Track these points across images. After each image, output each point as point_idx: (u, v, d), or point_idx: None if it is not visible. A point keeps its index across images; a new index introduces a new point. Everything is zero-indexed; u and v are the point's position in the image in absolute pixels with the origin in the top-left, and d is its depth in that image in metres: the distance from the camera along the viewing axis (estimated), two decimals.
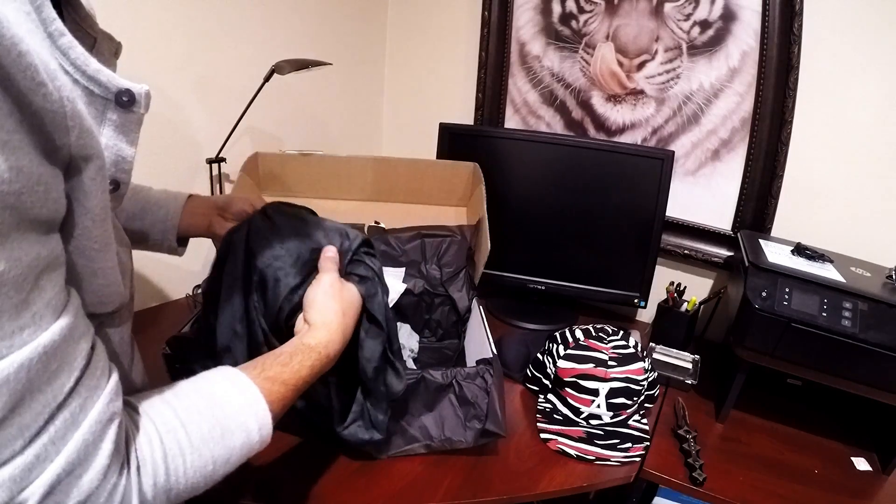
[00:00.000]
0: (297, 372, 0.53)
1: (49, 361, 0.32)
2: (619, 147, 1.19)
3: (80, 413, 0.35)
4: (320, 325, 0.60)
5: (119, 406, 0.38)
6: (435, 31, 1.48)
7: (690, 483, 0.81)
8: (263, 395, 0.48)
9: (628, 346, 0.90)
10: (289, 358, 0.54)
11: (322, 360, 0.57)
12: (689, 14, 1.14)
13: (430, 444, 0.77)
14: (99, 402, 0.36)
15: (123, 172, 0.41)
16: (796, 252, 0.98)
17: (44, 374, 0.32)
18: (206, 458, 0.43)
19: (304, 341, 0.57)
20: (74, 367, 0.35)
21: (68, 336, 0.34)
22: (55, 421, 0.33)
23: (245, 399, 0.48)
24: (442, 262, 1.10)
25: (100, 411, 0.36)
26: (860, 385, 0.84)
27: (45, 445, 0.33)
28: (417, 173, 1.14)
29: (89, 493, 0.35)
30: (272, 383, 0.50)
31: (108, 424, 0.37)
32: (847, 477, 0.87)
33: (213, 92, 1.14)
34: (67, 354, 0.34)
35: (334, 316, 0.61)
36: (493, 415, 0.76)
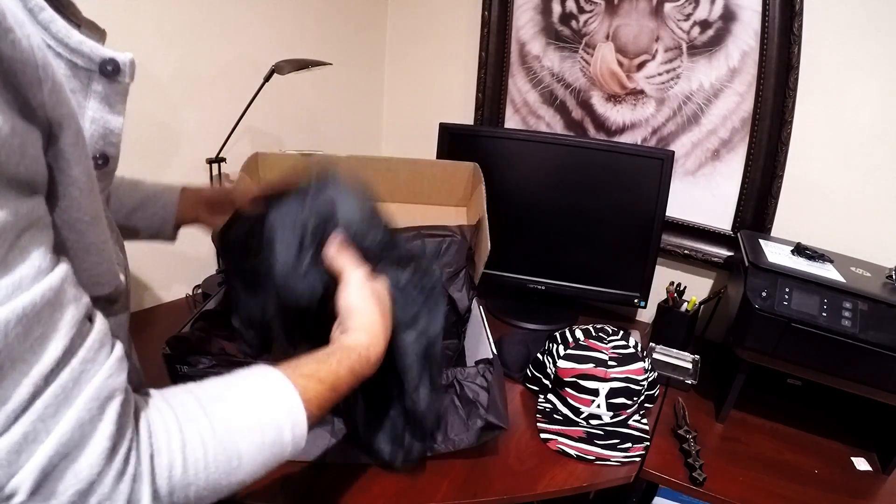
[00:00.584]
0: (334, 371, 0.49)
1: (31, 326, 0.30)
2: (619, 147, 1.19)
3: (74, 388, 0.31)
4: (359, 328, 0.55)
5: (122, 382, 0.35)
6: (435, 31, 1.48)
7: (690, 483, 0.81)
8: (298, 391, 0.44)
9: (628, 346, 0.90)
10: (326, 356, 0.50)
11: (363, 362, 0.53)
12: (689, 14, 1.14)
13: (432, 445, 0.77)
14: (96, 376, 0.33)
15: (112, 146, 0.40)
16: (796, 252, 0.98)
17: (25, 341, 0.29)
18: (231, 451, 0.39)
19: (343, 342, 0.54)
20: (62, 335, 0.31)
21: (53, 300, 0.31)
22: (43, 396, 0.30)
23: (277, 394, 0.44)
24: (442, 261, 1.09)
25: (97, 387, 0.33)
26: (860, 385, 0.84)
27: (34, 423, 0.30)
28: (417, 173, 1.14)
29: (90, 481, 0.31)
30: (307, 380, 0.46)
31: (108, 402, 0.33)
32: (847, 477, 0.87)
33: (213, 92, 1.14)
34: (54, 321, 0.31)
35: (375, 320, 0.56)
36: (495, 408, 0.76)
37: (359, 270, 0.60)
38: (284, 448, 0.43)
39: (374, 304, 0.58)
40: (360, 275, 0.59)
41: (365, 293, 0.58)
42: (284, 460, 0.44)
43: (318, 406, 0.47)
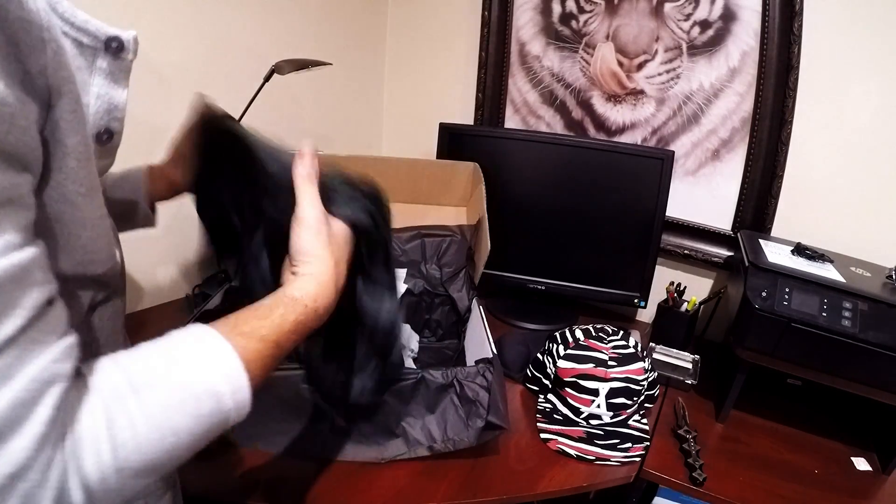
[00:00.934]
0: (278, 326, 0.45)
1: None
2: (619, 147, 1.19)
3: (16, 365, 0.30)
4: (308, 275, 0.50)
5: (67, 369, 0.33)
6: (435, 31, 1.48)
7: (690, 483, 0.81)
8: (238, 352, 0.41)
9: (628, 346, 0.90)
10: (268, 311, 0.46)
11: (309, 314, 0.48)
12: (689, 14, 1.13)
13: (433, 445, 0.77)
14: (41, 357, 0.32)
15: (116, 120, 0.41)
16: (796, 252, 0.98)
17: None
18: (165, 429, 0.37)
19: (287, 293, 0.48)
20: (17, 314, 0.30)
21: (16, 277, 0.30)
22: None
23: (214, 359, 0.41)
24: (442, 261, 1.10)
25: (40, 368, 0.31)
26: (860, 385, 0.84)
27: None
28: (417, 173, 1.14)
29: (20, 466, 0.30)
30: (247, 339, 0.43)
31: (49, 385, 0.32)
32: (847, 477, 0.87)
33: (213, 92, 1.14)
34: (11, 298, 0.30)
35: (325, 266, 0.51)
36: (496, 408, 0.76)
37: (315, 208, 0.53)
38: (226, 416, 0.40)
39: (328, 248, 0.52)
40: (317, 213, 0.53)
41: (320, 235, 0.52)
42: (228, 427, 0.41)
43: (262, 367, 0.43)
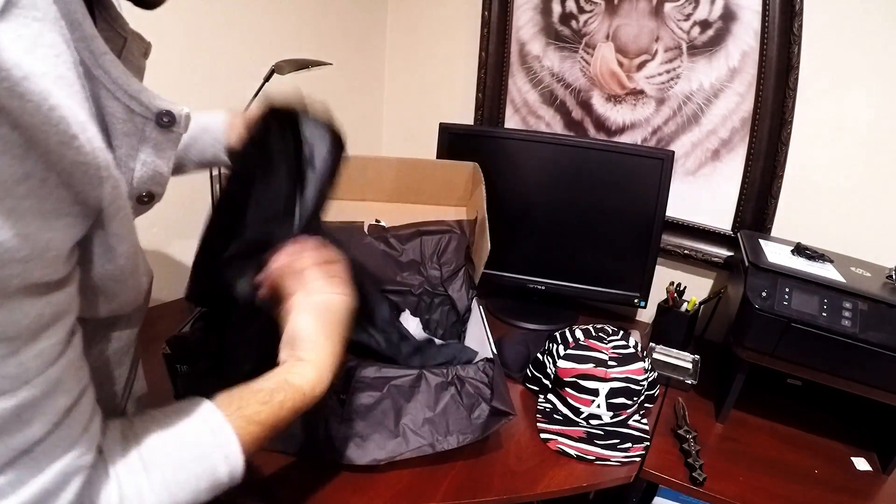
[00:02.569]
0: (276, 413, 0.49)
1: (23, 412, 0.31)
2: (619, 147, 1.19)
3: (45, 460, 0.33)
4: (309, 361, 0.53)
5: (89, 460, 0.36)
6: (435, 31, 1.48)
7: (690, 483, 0.81)
8: (237, 435, 0.45)
9: (628, 346, 0.90)
10: (269, 395, 0.49)
11: (307, 401, 0.52)
12: (689, 14, 1.14)
13: (435, 443, 0.76)
14: (69, 454, 0.34)
15: (159, 185, 0.42)
16: (796, 252, 0.98)
17: (15, 423, 0.31)
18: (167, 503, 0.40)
19: (290, 380, 0.52)
20: (49, 420, 0.33)
21: (50, 391, 0.33)
22: (16, 465, 0.31)
23: (217, 441, 0.44)
24: (442, 259, 1.10)
25: (67, 463, 0.34)
26: (860, 385, 0.84)
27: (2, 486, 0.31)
28: (417, 173, 1.14)
29: None
30: (248, 423, 0.46)
31: (74, 476, 0.35)
32: (847, 477, 0.87)
33: (213, 92, 1.14)
34: (45, 407, 0.33)
35: (327, 355, 0.54)
36: (500, 394, 0.76)
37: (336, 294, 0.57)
38: (221, 488, 0.44)
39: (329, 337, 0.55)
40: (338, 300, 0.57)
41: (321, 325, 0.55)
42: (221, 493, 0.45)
43: (256, 447, 0.47)
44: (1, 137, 0.26)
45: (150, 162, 0.40)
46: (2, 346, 0.29)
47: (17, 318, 0.29)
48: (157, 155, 0.40)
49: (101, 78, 0.35)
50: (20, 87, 0.26)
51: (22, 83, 0.26)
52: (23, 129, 0.27)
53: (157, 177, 0.41)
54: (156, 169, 0.41)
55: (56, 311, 0.32)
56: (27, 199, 0.28)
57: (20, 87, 0.26)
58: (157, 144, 0.40)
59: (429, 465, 0.77)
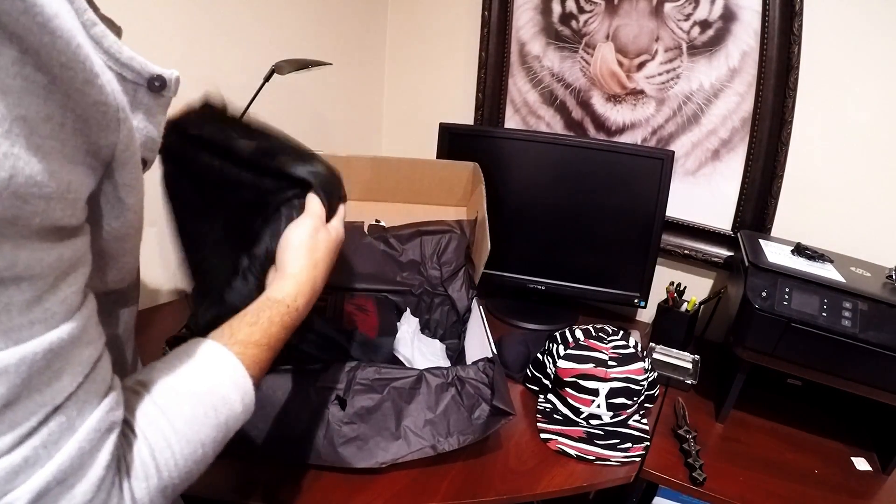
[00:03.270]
0: (266, 330, 0.50)
1: (53, 360, 0.31)
2: (619, 147, 1.19)
3: (78, 418, 0.33)
4: (288, 276, 0.55)
5: (120, 416, 0.36)
6: (435, 31, 1.48)
7: (690, 483, 0.81)
8: (239, 359, 0.46)
9: (628, 346, 0.90)
10: (255, 316, 0.51)
11: (291, 314, 0.53)
12: (689, 14, 1.14)
13: (436, 444, 0.76)
14: (99, 409, 0.35)
15: (151, 152, 0.43)
16: (796, 252, 0.98)
17: (45, 373, 0.31)
18: (195, 442, 0.41)
19: (270, 295, 0.53)
20: (78, 371, 0.33)
21: (77, 338, 0.33)
22: (49, 423, 0.31)
23: (222, 369, 0.45)
24: (442, 259, 1.10)
25: (98, 419, 0.34)
26: (860, 385, 0.84)
27: (37, 449, 0.31)
28: (417, 173, 1.14)
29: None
30: (245, 346, 0.47)
31: (108, 434, 0.35)
32: (847, 477, 0.87)
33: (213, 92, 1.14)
34: (73, 357, 0.33)
35: (304, 268, 0.56)
36: (500, 394, 0.76)
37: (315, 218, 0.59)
38: (238, 419, 0.46)
39: (309, 251, 0.57)
40: (314, 221, 0.59)
41: (307, 240, 0.58)
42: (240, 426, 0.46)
43: (260, 369, 0.48)
44: (25, 77, 0.27)
45: (142, 128, 0.41)
46: (28, 289, 0.29)
47: (39, 256, 0.30)
48: (148, 120, 0.41)
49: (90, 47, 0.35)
50: (52, 24, 0.27)
51: (54, 20, 0.27)
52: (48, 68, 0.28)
53: (149, 142, 0.42)
54: (148, 134, 0.41)
55: (74, 256, 0.33)
56: (50, 139, 0.29)
57: (52, 24, 0.27)
58: (149, 109, 0.41)
59: (429, 465, 0.77)
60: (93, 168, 0.33)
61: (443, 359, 0.98)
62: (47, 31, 0.27)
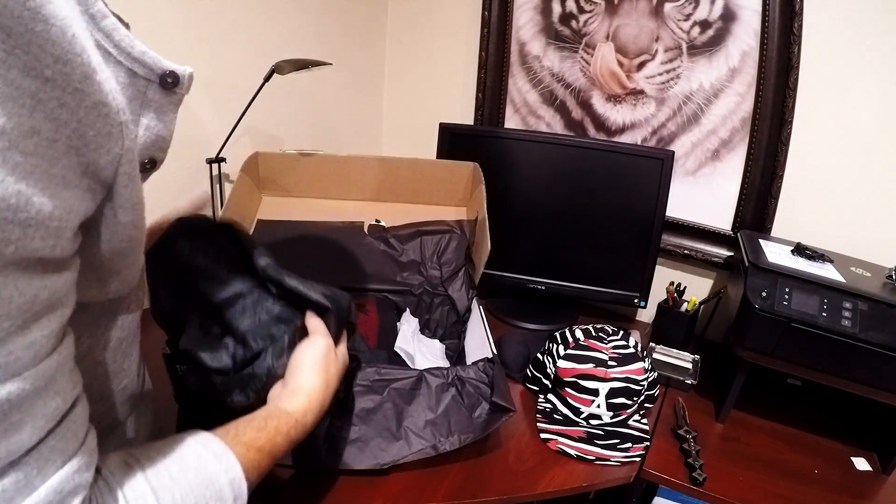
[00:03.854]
0: (272, 438, 0.49)
1: (10, 412, 0.28)
2: (619, 147, 1.19)
3: (38, 477, 0.30)
4: (301, 392, 0.55)
5: (88, 479, 0.33)
6: (435, 31, 1.48)
7: (690, 483, 0.81)
8: (239, 461, 0.44)
9: (628, 346, 0.90)
10: (264, 422, 0.50)
11: (299, 428, 0.53)
12: (689, 14, 1.13)
13: (437, 445, 0.76)
14: (64, 469, 0.31)
15: (161, 151, 0.41)
16: (796, 252, 0.98)
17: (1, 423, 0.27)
18: None
19: (281, 406, 0.53)
20: (40, 425, 0.30)
21: (42, 389, 0.29)
22: (3, 480, 0.28)
23: (221, 466, 0.43)
24: (442, 259, 1.10)
25: (62, 479, 0.31)
26: (860, 385, 0.84)
27: None
28: (417, 173, 1.14)
29: None
30: (247, 449, 0.46)
31: (71, 496, 0.31)
32: (847, 477, 0.87)
33: (213, 92, 1.14)
34: (35, 409, 0.29)
35: (317, 387, 0.57)
36: (500, 391, 0.76)
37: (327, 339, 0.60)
38: None
39: (323, 372, 0.58)
40: (326, 342, 0.60)
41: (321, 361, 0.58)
42: None
43: (258, 474, 0.47)
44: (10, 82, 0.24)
45: (152, 126, 0.39)
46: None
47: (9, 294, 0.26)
48: (158, 118, 0.39)
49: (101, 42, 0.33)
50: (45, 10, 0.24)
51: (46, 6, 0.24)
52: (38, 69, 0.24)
53: (159, 141, 0.40)
54: (158, 133, 0.40)
55: (52, 298, 0.29)
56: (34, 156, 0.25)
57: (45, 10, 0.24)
58: (160, 107, 0.39)
59: (429, 465, 0.77)
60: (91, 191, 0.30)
61: (443, 359, 0.98)
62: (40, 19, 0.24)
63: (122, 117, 0.30)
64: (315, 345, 0.59)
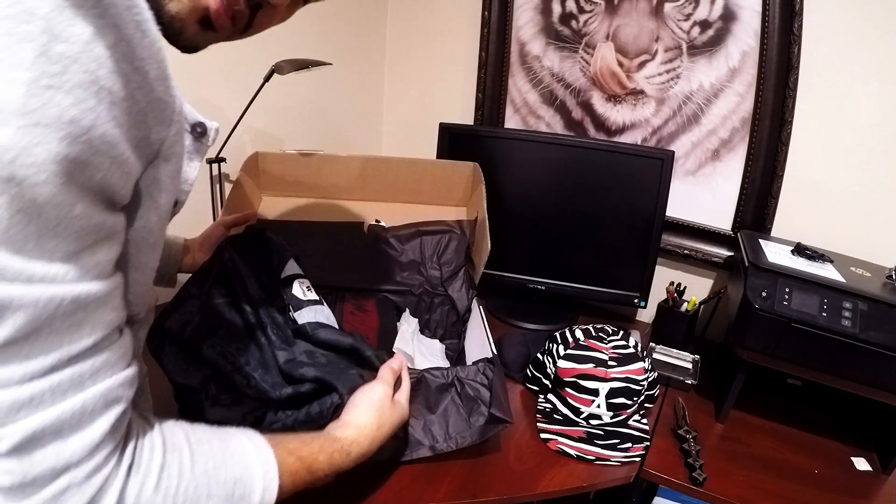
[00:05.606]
0: (314, 454, 0.52)
1: (76, 311, 0.33)
2: (619, 147, 1.19)
3: (89, 379, 0.34)
4: (353, 425, 0.60)
5: (129, 395, 0.38)
6: (435, 31, 1.48)
7: (690, 483, 0.81)
8: (277, 461, 0.47)
9: (628, 346, 0.90)
10: (310, 439, 0.54)
11: (343, 455, 0.56)
12: (689, 14, 1.13)
13: (435, 445, 0.76)
14: (110, 379, 0.36)
15: (184, 193, 0.46)
16: (796, 252, 0.98)
17: (66, 319, 0.32)
18: (202, 491, 0.40)
19: (330, 431, 0.57)
20: (98, 329, 0.35)
21: (103, 300, 0.35)
22: (61, 372, 0.33)
23: (258, 458, 0.46)
24: (442, 259, 1.10)
25: (108, 387, 0.35)
26: (860, 385, 0.84)
27: (44, 391, 0.32)
28: (417, 173, 1.14)
29: (68, 465, 0.33)
30: (288, 455, 0.49)
31: (113, 404, 0.36)
32: (847, 477, 0.87)
33: (213, 92, 1.14)
34: (96, 315, 0.35)
35: (369, 424, 0.60)
36: (498, 401, 0.76)
37: (387, 387, 0.65)
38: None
39: (377, 413, 0.62)
40: (386, 390, 0.65)
41: (377, 403, 0.63)
42: None
43: (293, 481, 0.49)
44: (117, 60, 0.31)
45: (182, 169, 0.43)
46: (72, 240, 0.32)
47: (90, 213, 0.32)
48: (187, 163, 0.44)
49: None
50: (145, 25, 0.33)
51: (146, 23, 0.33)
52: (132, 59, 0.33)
53: (184, 183, 0.45)
54: (185, 176, 0.45)
55: (112, 229, 0.35)
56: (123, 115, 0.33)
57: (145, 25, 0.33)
58: (190, 154, 0.45)
59: (429, 465, 0.77)
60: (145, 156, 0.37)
61: (442, 359, 0.98)
62: (140, 29, 0.33)
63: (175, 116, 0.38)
64: (375, 389, 0.64)
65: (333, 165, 1.13)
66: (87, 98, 0.30)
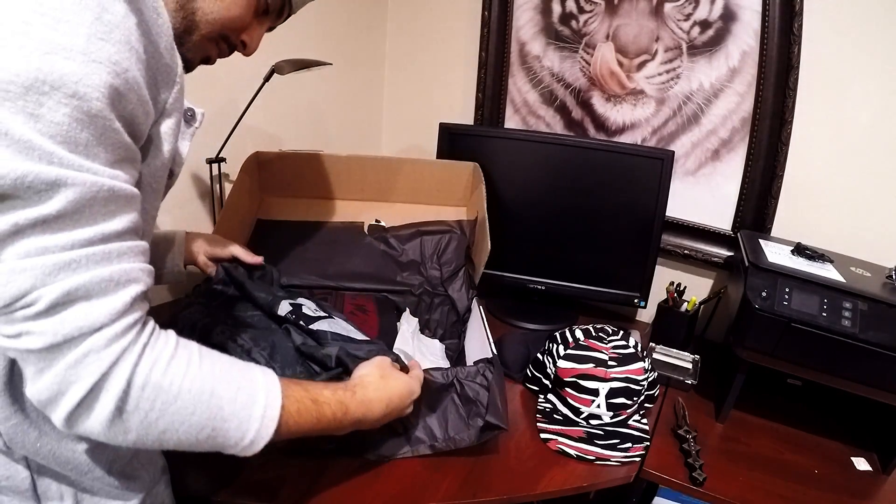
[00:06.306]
0: (318, 388, 0.57)
1: (110, 201, 0.41)
2: (619, 147, 1.19)
3: (116, 258, 0.42)
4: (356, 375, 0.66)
5: (148, 282, 0.45)
6: (435, 31, 1.48)
7: (690, 483, 0.81)
8: (281, 385, 0.52)
9: (628, 346, 0.90)
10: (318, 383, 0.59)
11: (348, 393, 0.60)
12: (689, 14, 1.13)
13: (434, 444, 0.77)
14: (133, 262, 0.43)
15: (178, 165, 0.55)
16: (796, 252, 0.98)
17: (103, 207, 0.40)
18: (207, 387, 0.46)
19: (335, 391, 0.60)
20: (125, 223, 0.42)
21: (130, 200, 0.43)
22: (95, 247, 0.40)
23: (264, 378, 0.51)
24: (442, 259, 1.10)
25: (131, 267, 0.43)
26: (860, 385, 0.84)
27: (80, 258, 0.39)
28: (417, 173, 1.14)
29: (94, 327, 0.40)
30: (292, 383, 0.54)
31: (134, 283, 0.43)
32: (847, 477, 0.87)
33: (213, 92, 1.14)
34: (126, 208, 0.42)
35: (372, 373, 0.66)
36: (494, 408, 0.76)
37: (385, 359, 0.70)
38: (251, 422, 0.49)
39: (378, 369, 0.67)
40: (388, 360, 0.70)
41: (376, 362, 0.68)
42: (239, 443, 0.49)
43: (297, 410, 0.53)
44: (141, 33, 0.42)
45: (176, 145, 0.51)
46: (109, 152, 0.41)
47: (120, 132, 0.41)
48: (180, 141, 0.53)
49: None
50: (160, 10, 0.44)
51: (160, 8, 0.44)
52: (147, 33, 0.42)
53: (178, 157, 0.53)
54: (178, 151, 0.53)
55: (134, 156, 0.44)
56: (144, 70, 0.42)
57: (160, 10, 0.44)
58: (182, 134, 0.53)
59: (429, 464, 0.77)
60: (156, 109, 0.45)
61: (443, 359, 0.98)
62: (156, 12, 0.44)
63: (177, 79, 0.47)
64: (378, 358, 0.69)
65: (333, 165, 1.13)
66: (124, 51, 0.40)
